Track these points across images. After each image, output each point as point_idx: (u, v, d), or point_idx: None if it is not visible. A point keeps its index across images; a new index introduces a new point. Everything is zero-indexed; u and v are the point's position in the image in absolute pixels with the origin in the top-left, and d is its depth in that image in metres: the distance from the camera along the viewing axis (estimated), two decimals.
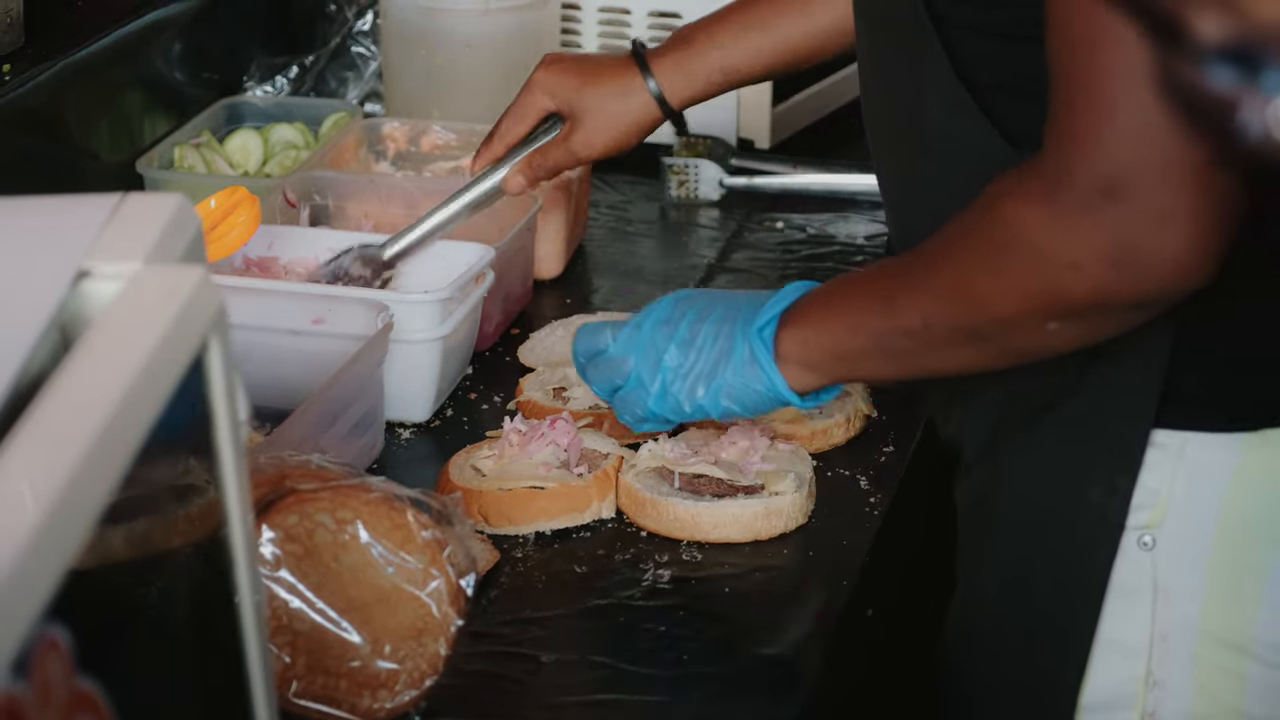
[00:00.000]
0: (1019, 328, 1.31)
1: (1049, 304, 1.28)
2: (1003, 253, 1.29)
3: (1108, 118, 1.22)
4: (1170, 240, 1.22)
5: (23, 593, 0.69)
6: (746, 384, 1.48)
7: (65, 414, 0.77)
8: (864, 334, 1.41)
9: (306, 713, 1.37)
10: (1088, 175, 1.23)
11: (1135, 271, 1.24)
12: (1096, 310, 1.28)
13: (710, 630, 1.52)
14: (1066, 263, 1.25)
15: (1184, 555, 1.40)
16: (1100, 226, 1.23)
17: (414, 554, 1.36)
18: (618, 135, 1.85)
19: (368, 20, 2.48)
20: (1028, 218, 1.26)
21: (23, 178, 1.98)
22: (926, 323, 1.36)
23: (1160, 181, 1.21)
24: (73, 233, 0.90)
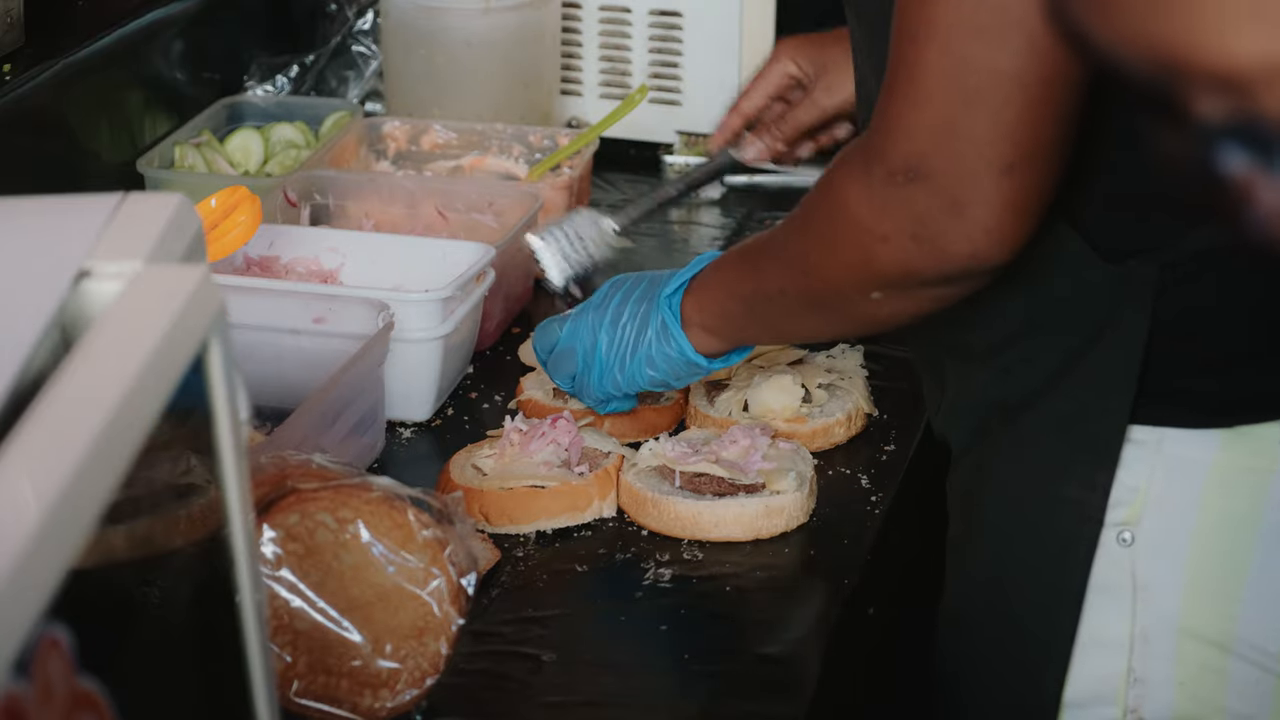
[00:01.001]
0: (848, 296, 1.41)
1: (866, 273, 1.37)
2: (829, 223, 1.39)
3: (917, 108, 1.30)
4: (962, 224, 1.31)
5: (24, 592, 0.69)
6: (662, 351, 1.58)
7: (66, 413, 0.77)
8: (738, 299, 1.52)
9: (307, 712, 1.37)
10: (895, 156, 1.31)
11: (933, 247, 1.32)
12: (907, 281, 1.36)
13: (711, 629, 1.52)
14: (877, 235, 1.34)
15: (1163, 552, 1.41)
16: (903, 202, 1.32)
17: (415, 553, 1.37)
18: None
19: (368, 19, 2.48)
20: (848, 190, 1.35)
21: (23, 177, 1.98)
22: (782, 290, 1.46)
23: (954, 174, 1.30)
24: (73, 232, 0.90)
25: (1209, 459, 1.39)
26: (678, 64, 2.38)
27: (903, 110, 1.31)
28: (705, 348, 1.57)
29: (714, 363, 1.58)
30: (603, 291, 1.64)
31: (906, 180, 1.31)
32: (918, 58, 1.30)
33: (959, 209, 1.30)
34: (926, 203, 1.31)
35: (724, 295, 1.53)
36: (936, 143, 1.30)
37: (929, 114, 1.30)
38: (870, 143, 1.34)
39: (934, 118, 1.30)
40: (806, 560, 1.61)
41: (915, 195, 1.31)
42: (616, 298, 1.62)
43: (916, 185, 1.31)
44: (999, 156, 1.29)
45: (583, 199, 2.15)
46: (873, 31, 1.48)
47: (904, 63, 1.31)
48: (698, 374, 1.60)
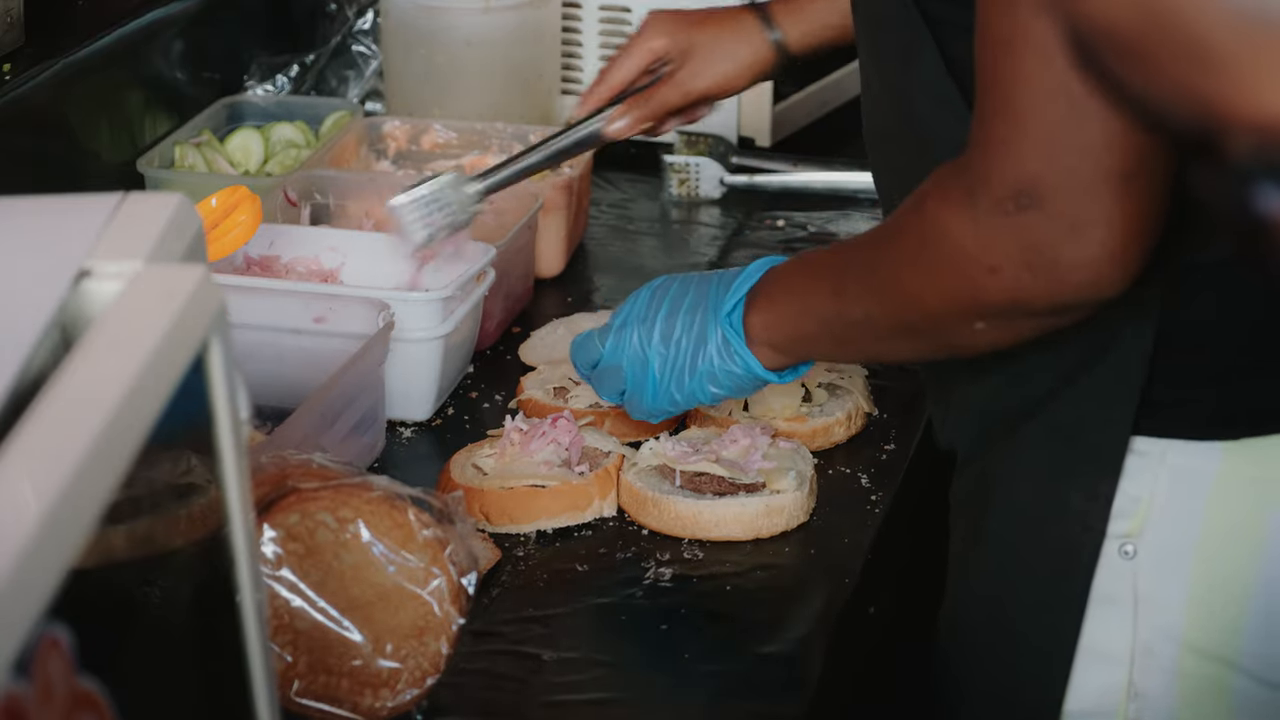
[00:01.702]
0: (948, 325, 1.35)
1: (971, 304, 1.31)
2: (927, 253, 1.32)
3: (1020, 126, 1.24)
4: (1082, 248, 1.25)
5: (24, 592, 0.69)
6: (726, 368, 1.52)
7: (66, 413, 0.77)
8: (816, 320, 1.46)
9: (308, 712, 1.37)
10: (1002, 181, 1.25)
11: (1049, 276, 1.26)
12: (1015, 312, 1.31)
13: (712, 628, 1.52)
14: (985, 265, 1.28)
15: (1165, 565, 1.39)
16: (1014, 231, 1.26)
17: (415, 553, 1.36)
18: (729, 72, 1.85)
19: (368, 19, 2.48)
20: (949, 220, 1.29)
21: (23, 177, 1.98)
22: (868, 315, 1.40)
23: (1071, 191, 1.24)
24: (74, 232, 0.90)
25: (1212, 471, 1.38)
26: None
27: (1005, 130, 1.25)
28: (774, 364, 1.52)
29: (784, 376, 1.53)
30: (642, 301, 1.58)
31: (1017, 208, 1.25)
32: (1015, 71, 1.23)
33: (1078, 232, 1.24)
34: (1042, 230, 1.25)
35: (798, 315, 1.47)
36: (1047, 161, 1.24)
37: (1035, 131, 1.24)
38: (972, 168, 1.28)
39: (1041, 134, 1.24)
40: (807, 559, 1.61)
41: (1028, 223, 1.25)
42: (663, 309, 1.56)
43: (1029, 212, 1.24)
44: (1117, 166, 1.23)
45: (583, 199, 2.15)
46: (874, 34, 1.48)
47: (1000, 79, 1.25)
48: (760, 387, 1.56)
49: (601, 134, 1.87)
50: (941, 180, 1.32)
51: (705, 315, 1.52)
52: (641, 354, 1.56)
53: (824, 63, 2.44)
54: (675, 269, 2.14)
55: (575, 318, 1.97)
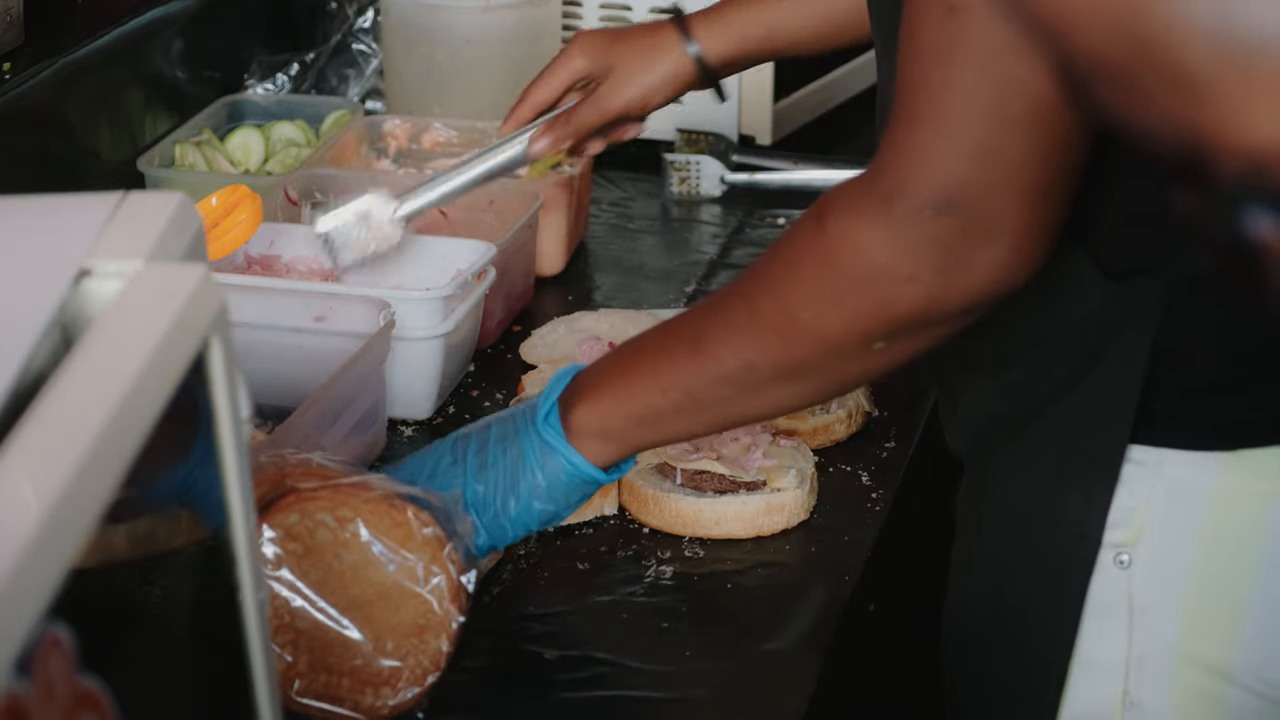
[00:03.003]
0: (845, 352, 1.32)
1: (878, 322, 1.30)
2: (832, 274, 1.30)
3: (949, 135, 1.24)
4: (998, 252, 1.25)
5: (25, 591, 0.69)
6: (550, 476, 1.43)
7: (67, 413, 0.77)
8: (674, 390, 1.37)
9: (309, 711, 1.37)
10: (922, 189, 1.25)
11: (961, 281, 1.26)
12: (924, 322, 1.30)
13: (712, 626, 1.52)
14: (900, 276, 1.27)
15: (1161, 575, 1.38)
16: (932, 239, 1.25)
17: (415, 551, 1.36)
18: (647, 87, 1.82)
19: (368, 18, 2.48)
20: (860, 235, 1.27)
21: (23, 176, 1.98)
22: (746, 364, 1.34)
23: (992, 199, 1.24)
24: (74, 231, 0.90)
25: (1210, 482, 1.37)
26: None
27: (931, 139, 1.24)
28: (601, 457, 1.42)
29: (611, 474, 1.44)
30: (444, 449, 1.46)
31: (935, 214, 1.24)
32: (949, 82, 1.23)
33: (990, 237, 1.25)
34: (955, 234, 1.25)
35: (647, 392, 1.38)
36: (973, 171, 1.23)
37: (964, 142, 1.23)
38: (886, 177, 1.27)
39: (970, 145, 1.23)
40: (807, 557, 1.61)
41: (944, 228, 1.25)
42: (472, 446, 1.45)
43: (946, 217, 1.24)
44: (1037, 181, 1.24)
45: (584, 197, 2.15)
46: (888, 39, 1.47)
47: (929, 87, 1.24)
48: (591, 492, 1.45)
49: (525, 155, 1.85)
50: (845, 198, 1.30)
51: (518, 434, 1.43)
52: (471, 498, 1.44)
53: (825, 60, 2.45)
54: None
55: (576, 316, 1.97)
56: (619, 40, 1.84)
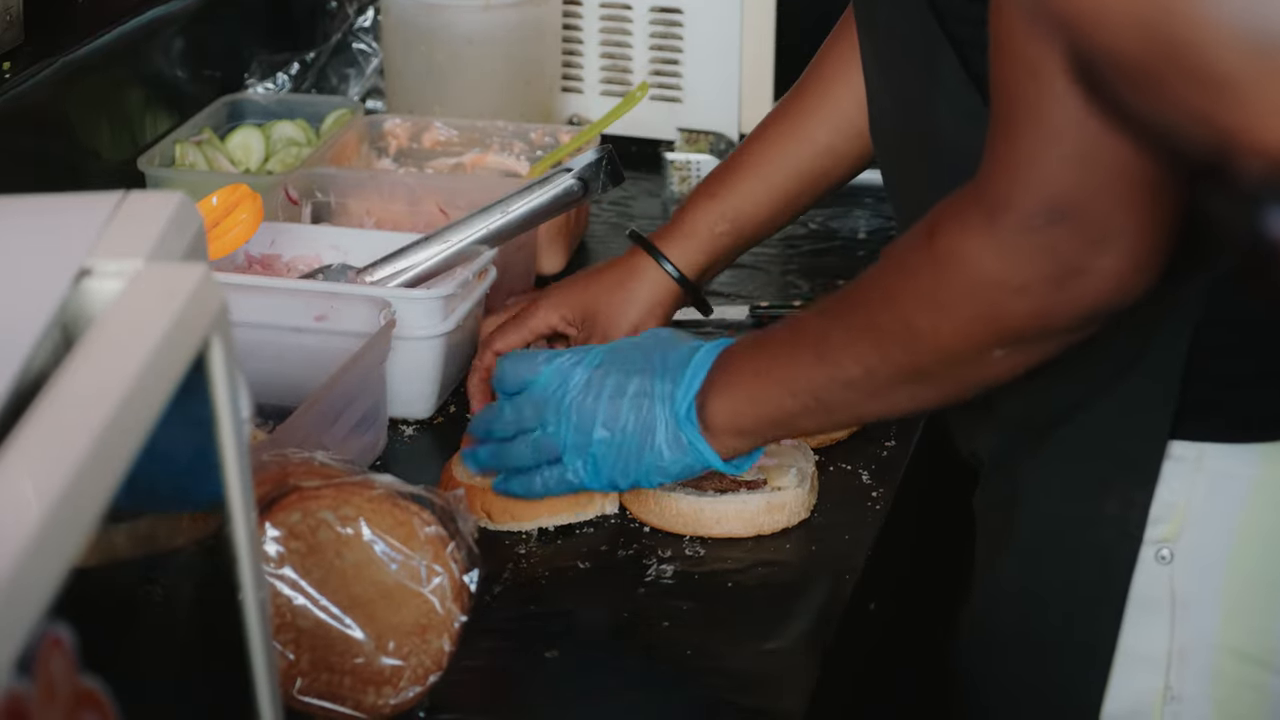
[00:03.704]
0: (965, 360, 1.32)
1: (993, 332, 1.29)
2: (944, 285, 1.30)
3: (1050, 144, 1.23)
4: (1111, 258, 1.24)
5: (26, 591, 0.69)
6: (675, 461, 1.48)
7: (68, 412, 0.77)
8: (802, 394, 1.40)
9: (311, 710, 1.37)
10: (1029, 199, 1.24)
11: (1078, 290, 1.25)
12: (1039, 333, 1.29)
13: (713, 625, 1.52)
14: (1012, 287, 1.26)
15: (1202, 569, 1.39)
16: (1044, 249, 1.24)
17: (417, 550, 1.36)
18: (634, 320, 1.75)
19: (369, 17, 2.48)
20: (969, 246, 1.27)
21: (23, 176, 1.98)
22: (868, 370, 1.36)
23: (1102, 203, 1.23)
24: (74, 231, 0.90)
25: (1250, 474, 1.37)
26: (678, 61, 2.38)
27: (1033, 149, 1.24)
28: (731, 452, 1.48)
29: (738, 466, 1.50)
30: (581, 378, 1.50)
31: (1046, 223, 1.24)
32: (1043, 93, 1.22)
33: (1103, 242, 1.24)
34: (1070, 243, 1.24)
35: (778, 395, 1.42)
36: (1079, 177, 1.23)
37: (1066, 148, 1.23)
38: (992, 190, 1.26)
39: (1072, 151, 1.22)
40: (808, 556, 1.61)
41: (1057, 237, 1.24)
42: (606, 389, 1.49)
43: (1058, 226, 1.24)
44: (1148, 177, 1.22)
45: None
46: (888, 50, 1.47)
47: (1026, 100, 1.23)
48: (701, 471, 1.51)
49: None
50: (952, 210, 1.29)
51: (654, 403, 1.47)
52: (585, 435, 1.50)
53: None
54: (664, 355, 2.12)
55: None
56: (590, 284, 1.78)
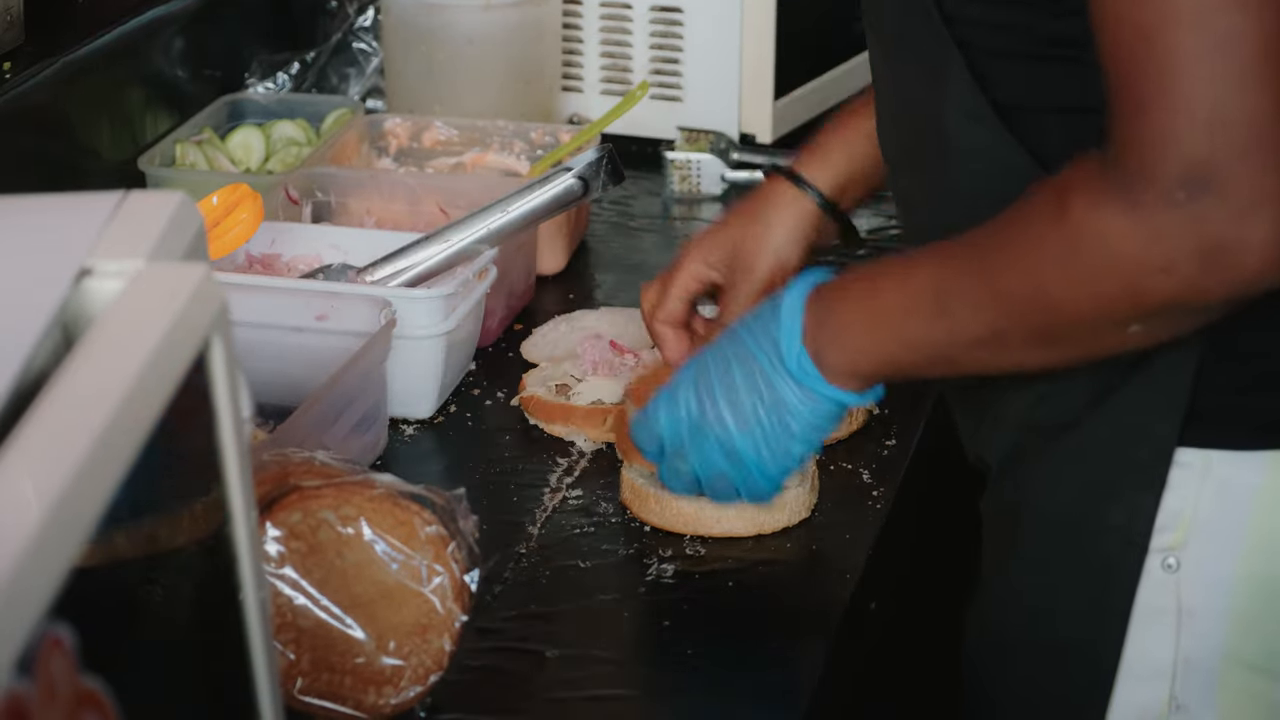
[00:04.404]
0: (1101, 331, 1.28)
1: (1131, 308, 1.24)
2: (1080, 260, 1.24)
3: (1184, 109, 1.18)
4: (1260, 228, 1.18)
5: (26, 591, 0.69)
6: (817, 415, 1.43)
7: (68, 412, 0.77)
8: (925, 348, 1.36)
9: (311, 709, 1.37)
10: (1170, 172, 1.18)
11: (1225, 265, 1.19)
12: (1180, 310, 1.24)
13: (714, 625, 1.52)
14: (1155, 266, 1.21)
15: (1209, 577, 1.37)
16: (1188, 223, 1.19)
17: (418, 550, 1.36)
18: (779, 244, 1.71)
19: (369, 17, 2.48)
20: (1107, 223, 1.22)
21: (24, 176, 1.98)
22: (996, 333, 1.31)
23: (1247, 167, 1.17)
24: (74, 231, 0.90)
25: (1258, 482, 1.35)
26: (678, 60, 2.38)
27: (1165, 117, 1.18)
28: (856, 389, 1.42)
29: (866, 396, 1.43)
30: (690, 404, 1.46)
31: (1189, 197, 1.18)
32: (1168, 52, 1.17)
33: (1253, 210, 1.17)
34: (1215, 215, 1.17)
35: (896, 346, 1.37)
36: (1218, 141, 1.17)
37: (1199, 113, 1.17)
38: (1126, 165, 1.20)
39: (1205, 115, 1.16)
40: (808, 556, 1.61)
41: (1204, 211, 1.17)
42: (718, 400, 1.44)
43: (1203, 198, 1.17)
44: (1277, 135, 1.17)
45: None
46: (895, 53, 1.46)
47: (1149, 66, 1.18)
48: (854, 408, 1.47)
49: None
50: (1084, 182, 1.24)
51: (768, 376, 1.42)
52: (729, 447, 1.45)
53: (825, 59, 2.45)
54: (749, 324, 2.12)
55: (577, 314, 1.97)
56: (728, 222, 1.74)
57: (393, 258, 1.85)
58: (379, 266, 1.85)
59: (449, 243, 1.84)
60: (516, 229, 1.86)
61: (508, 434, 1.80)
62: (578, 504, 1.68)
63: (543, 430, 1.79)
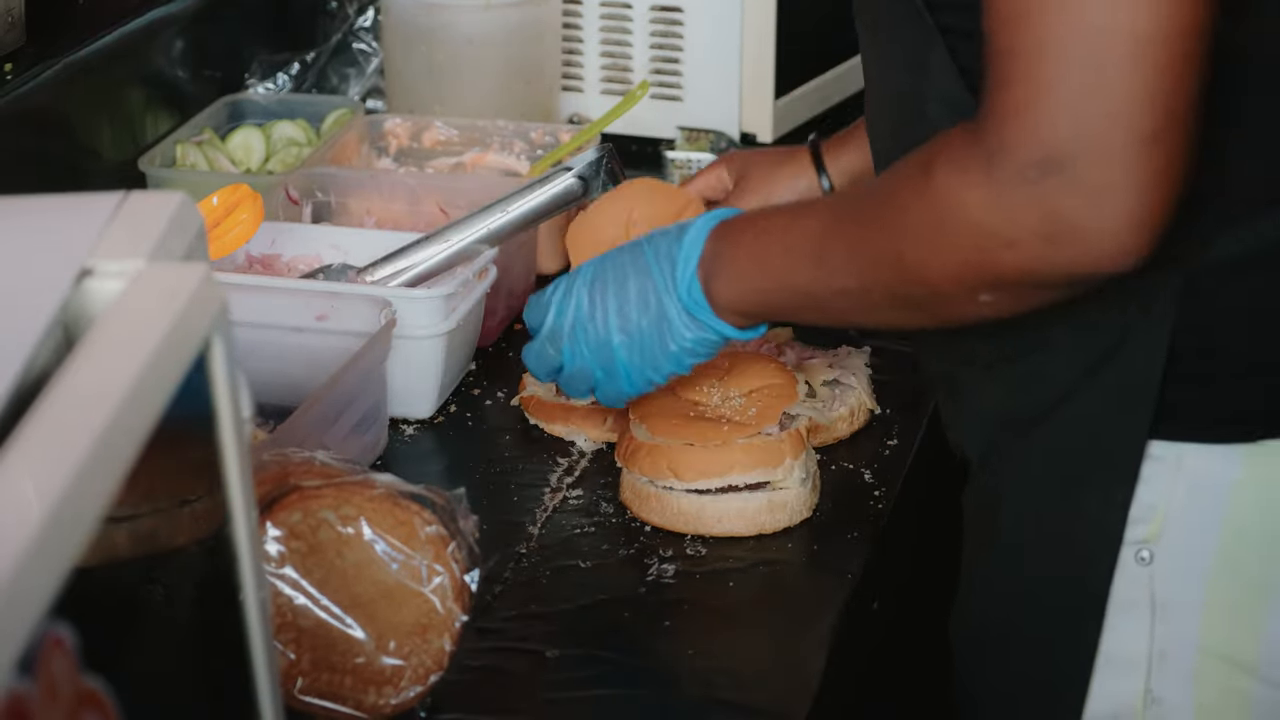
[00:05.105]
0: (952, 298, 1.31)
1: (980, 278, 1.28)
2: (936, 225, 1.28)
3: (1044, 92, 1.21)
4: (1106, 215, 1.21)
5: (27, 591, 0.69)
6: (697, 340, 1.51)
7: (69, 412, 0.77)
8: (800, 293, 1.42)
9: (311, 709, 1.37)
10: (1026, 149, 1.22)
11: (1069, 247, 1.22)
12: (1027, 284, 1.27)
13: (714, 624, 1.52)
14: (1002, 239, 1.24)
15: (1183, 570, 1.38)
16: (1036, 202, 1.22)
17: (418, 550, 1.37)
18: (768, 197, 1.84)
19: (369, 17, 2.48)
20: (964, 192, 1.25)
21: (25, 177, 1.98)
22: (862, 287, 1.36)
23: (1099, 155, 1.20)
24: (75, 231, 0.90)
25: (1231, 475, 1.36)
26: (679, 60, 2.38)
27: (1028, 97, 1.21)
28: (740, 325, 1.50)
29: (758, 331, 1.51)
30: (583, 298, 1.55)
31: (1041, 175, 1.21)
32: (1040, 35, 1.20)
33: (1101, 198, 1.21)
34: (1063, 197, 1.21)
35: (772, 287, 1.43)
36: (1072, 127, 1.20)
37: (1060, 96, 1.20)
38: (989, 138, 1.23)
39: (1066, 100, 1.20)
40: (810, 555, 1.61)
41: (1050, 191, 1.21)
42: (610, 301, 1.54)
43: (1052, 179, 1.21)
44: (1143, 126, 1.19)
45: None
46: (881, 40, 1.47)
47: (1021, 46, 1.22)
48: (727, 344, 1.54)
49: None
50: (951, 151, 1.27)
51: (659, 295, 1.51)
52: (605, 349, 1.54)
53: (825, 58, 2.45)
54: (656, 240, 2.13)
55: None
56: (761, 153, 1.91)
57: (393, 258, 1.85)
58: (379, 266, 1.85)
59: (449, 243, 1.84)
60: (516, 228, 1.86)
61: (508, 434, 1.80)
62: (578, 504, 1.68)
63: (543, 430, 1.79)
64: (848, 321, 1.52)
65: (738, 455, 1.61)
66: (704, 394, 1.68)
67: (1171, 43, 1.19)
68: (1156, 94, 1.19)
